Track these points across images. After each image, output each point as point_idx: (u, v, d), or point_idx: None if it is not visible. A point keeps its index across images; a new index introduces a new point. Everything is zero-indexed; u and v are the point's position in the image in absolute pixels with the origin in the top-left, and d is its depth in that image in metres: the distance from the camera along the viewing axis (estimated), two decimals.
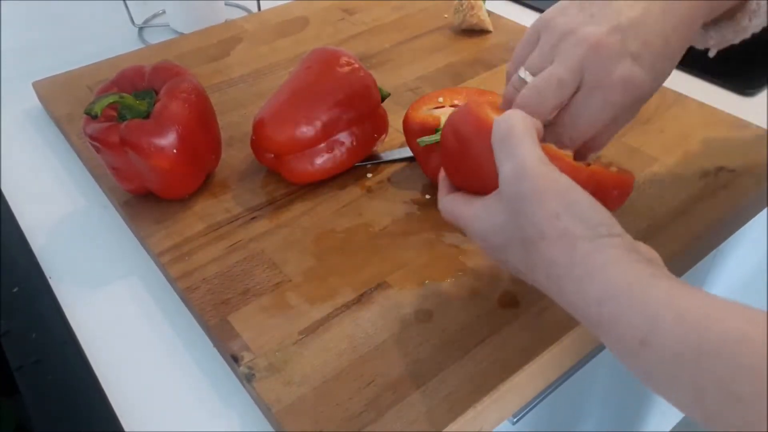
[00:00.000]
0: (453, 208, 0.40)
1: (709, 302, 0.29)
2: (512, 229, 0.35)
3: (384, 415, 0.39)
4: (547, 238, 0.33)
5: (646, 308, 0.30)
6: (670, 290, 0.30)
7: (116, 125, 0.51)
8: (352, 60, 0.56)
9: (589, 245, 0.32)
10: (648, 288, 0.30)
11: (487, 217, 0.37)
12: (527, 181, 0.34)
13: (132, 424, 0.42)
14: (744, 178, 0.56)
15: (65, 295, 0.50)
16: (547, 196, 0.33)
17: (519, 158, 0.34)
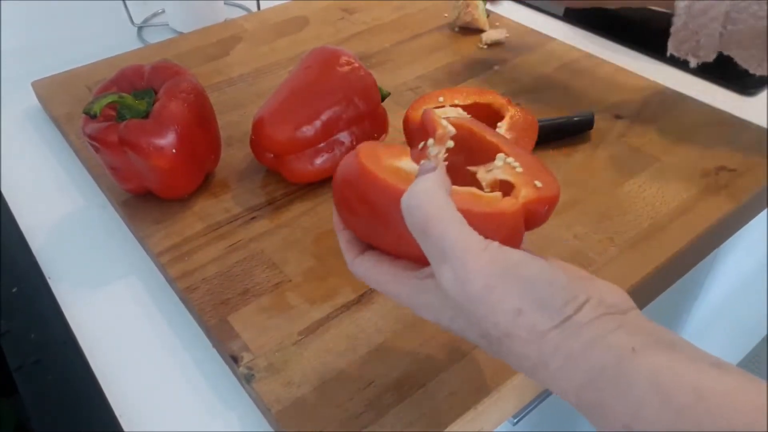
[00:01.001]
0: (378, 281, 0.35)
1: (697, 377, 0.27)
2: (465, 324, 0.32)
3: (384, 415, 0.39)
4: (513, 336, 0.30)
5: (628, 394, 0.27)
6: (654, 370, 0.27)
7: (115, 125, 0.51)
8: (352, 59, 0.56)
9: (559, 335, 0.29)
10: (629, 370, 0.28)
11: (431, 304, 0.33)
12: (472, 284, 0.30)
13: (131, 424, 0.42)
14: (744, 178, 0.56)
15: (64, 295, 0.50)
16: (502, 293, 0.30)
17: (454, 257, 0.30)
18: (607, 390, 0.28)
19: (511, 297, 0.30)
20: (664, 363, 0.28)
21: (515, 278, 0.30)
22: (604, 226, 0.52)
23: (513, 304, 0.30)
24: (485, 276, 0.30)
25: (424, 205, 0.31)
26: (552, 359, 0.30)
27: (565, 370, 0.29)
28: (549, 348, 0.30)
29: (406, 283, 0.34)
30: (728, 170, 0.56)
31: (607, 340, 0.29)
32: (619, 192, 0.55)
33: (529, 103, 0.66)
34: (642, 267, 0.48)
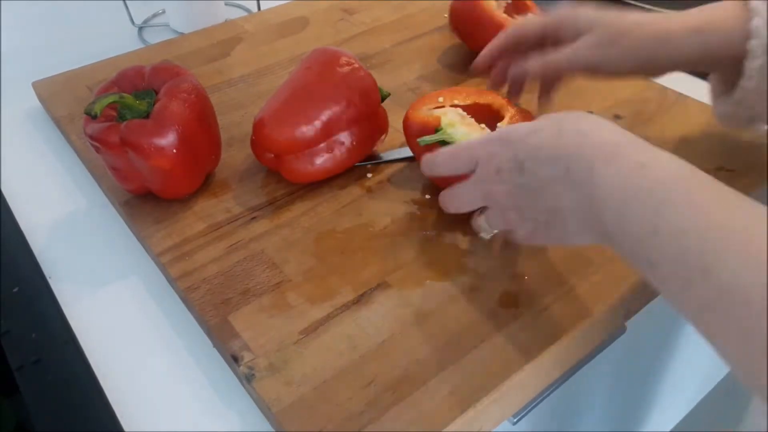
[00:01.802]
0: (464, 189, 0.45)
1: (713, 184, 0.33)
2: (534, 141, 0.40)
3: (384, 415, 0.39)
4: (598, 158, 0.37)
5: (652, 194, 0.33)
6: (678, 171, 0.34)
7: (116, 125, 0.51)
8: (352, 60, 0.56)
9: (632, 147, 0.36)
10: (655, 167, 0.34)
11: (508, 159, 0.41)
12: (542, 132, 0.39)
13: (131, 424, 0.42)
14: (744, 178, 0.56)
15: (65, 295, 0.50)
16: (542, 119, 0.41)
17: (500, 132, 0.42)
18: (632, 201, 0.34)
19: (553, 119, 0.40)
20: (689, 170, 0.35)
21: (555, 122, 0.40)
22: None
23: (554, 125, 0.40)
24: (550, 125, 0.40)
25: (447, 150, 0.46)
26: (604, 148, 0.37)
27: (616, 162, 0.36)
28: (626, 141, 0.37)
29: (482, 173, 0.43)
30: (728, 170, 0.57)
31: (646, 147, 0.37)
32: None
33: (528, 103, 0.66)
34: None
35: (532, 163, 0.39)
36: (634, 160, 0.35)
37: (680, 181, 0.33)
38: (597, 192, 0.36)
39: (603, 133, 0.37)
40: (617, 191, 0.35)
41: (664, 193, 0.33)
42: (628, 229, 0.34)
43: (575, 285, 0.47)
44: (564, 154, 0.37)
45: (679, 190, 0.33)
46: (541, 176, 0.39)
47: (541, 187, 0.39)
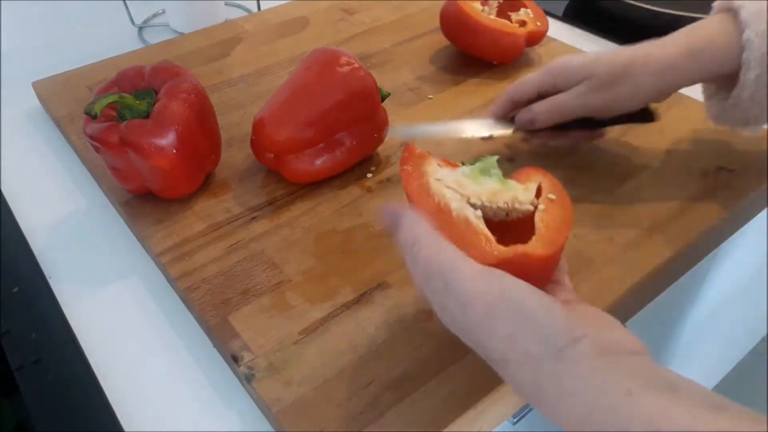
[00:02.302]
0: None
1: (692, 422, 0.27)
2: (472, 342, 0.34)
3: (384, 415, 0.39)
4: (511, 362, 0.32)
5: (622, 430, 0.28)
6: (651, 413, 0.28)
7: (116, 125, 0.51)
8: (352, 60, 0.56)
9: (554, 366, 0.30)
10: (626, 413, 0.28)
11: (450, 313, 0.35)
12: (469, 310, 0.32)
13: (131, 424, 0.42)
14: (744, 178, 0.56)
15: (65, 295, 0.50)
16: (494, 321, 0.32)
17: (447, 278, 0.32)
18: (605, 429, 0.28)
19: (506, 323, 0.31)
20: (661, 406, 0.28)
21: (509, 307, 0.31)
22: (604, 226, 0.52)
23: (507, 330, 0.31)
24: (482, 304, 0.32)
25: (413, 227, 0.34)
26: (549, 390, 0.30)
27: (563, 403, 0.30)
28: (544, 377, 0.30)
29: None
30: (728, 170, 0.57)
31: (602, 378, 0.29)
32: (619, 192, 0.55)
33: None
34: (641, 267, 0.48)
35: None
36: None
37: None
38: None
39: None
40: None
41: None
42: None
43: (575, 285, 0.47)
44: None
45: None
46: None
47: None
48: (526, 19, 0.71)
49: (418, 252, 0.34)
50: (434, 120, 0.64)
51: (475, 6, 0.70)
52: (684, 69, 0.49)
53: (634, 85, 0.50)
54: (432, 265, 0.33)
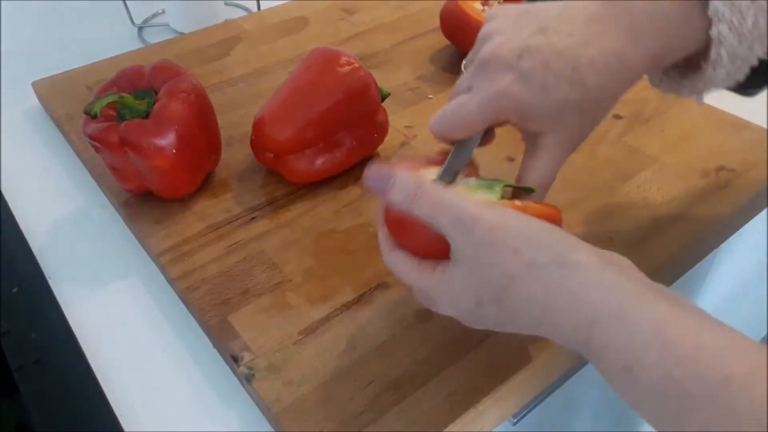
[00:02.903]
0: (407, 274, 0.37)
1: (697, 330, 0.28)
2: (479, 287, 0.34)
3: (384, 415, 0.39)
4: (517, 277, 0.32)
5: (632, 338, 0.29)
6: (658, 318, 0.29)
7: (116, 125, 0.51)
8: (352, 60, 0.56)
9: (560, 272, 0.31)
10: (634, 314, 0.29)
11: (450, 287, 0.35)
12: (475, 230, 0.33)
13: (131, 424, 0.42)
14: (744, 178, 0.56)
15: (65, 295, 0.50)
16: (500, 236, 0.32)
17: (462, 215, 0.33)
18: (612, 331, 0.30)
19: (509, 239, 0.32)
20: (668, 312, 0.29)
21: (513, 225, 0.33)
22: (604, 226, 0.52)
23: (511, 245, 0.32)
24: (487, 222, 0.33)
25: (424, 193, 0.35)
26: (556, 298, 0.31)
27: (570, 309, 0.31)
28: (551, 284, 0.31)
29: (429, 275, 0.36)
30: (728, 170, 0.57)
31: (608, 282, 0.31)
32: (619, 192, 0.55)
33: None
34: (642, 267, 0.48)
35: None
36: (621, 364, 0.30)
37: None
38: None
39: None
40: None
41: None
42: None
43: None
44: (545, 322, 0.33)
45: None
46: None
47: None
48: None
49: (422, 197, 0.34)
50: None
51: (475, 6, 0.70)
52: (644, 71, 0.40)
53: (603, 114, 0.41)
54: (437, 202, 0.34)
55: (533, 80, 0.37)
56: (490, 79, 0.38)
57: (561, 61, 0.37)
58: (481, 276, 0.33)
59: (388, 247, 0.39)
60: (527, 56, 0.38)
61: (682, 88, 0.42)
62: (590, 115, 0.40)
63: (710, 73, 0.39)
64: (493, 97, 0.38)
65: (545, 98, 0.38)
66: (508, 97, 0.38)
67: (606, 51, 0.37)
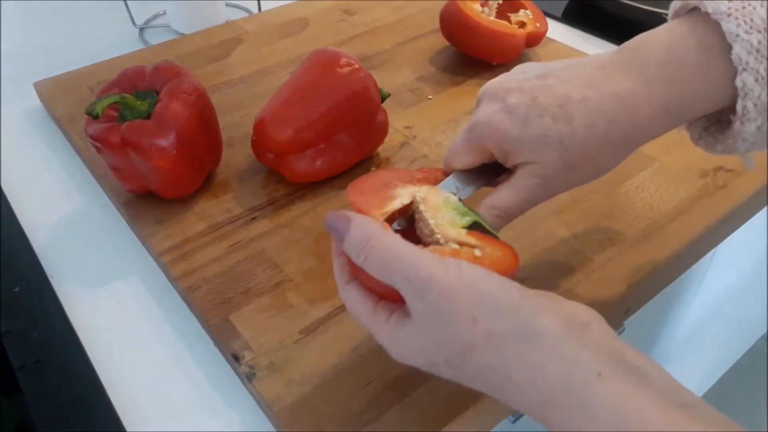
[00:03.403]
0: (360, 317, 0.35)
1: (663, 421, 0.27)
2: (434, 351, 0.32)
3: (384, 414, 0.40)
4: (476, 347, 0.30)
5: (592, 422, 0.27)
6: (621, 403, 0.27)
7: (117, 125, 0.51)
8: (352, 61, 0.56)
9: (519, 344, 0.29)
10: (595, 397, 0.28)
11: (404, 342, 0.33)
12: (429, 294, 0.31)
13: (133, 424, 0.42)
14: (743, 178, 0.56)
15: (66, 295, 0.50)
16: (456, 302, 0.30)
17: (405, 269, 0.31)
18: (572, 413, 0.28)
19: (468, 305, 0.30)
20: (632, 397, 0.27)
21: (470, 289, 0.31)
22: (604, 226, 0.52)
23: (469, 313, 0.30)
24: (441, 285, 0.31)
25: (374, 247, 0.33)
26: (515, 370, 0.30)
27: (529, 383, 0.29)
28: (510, 356, 0.30)
29: (383, 324, 0.34)
30: (726, 170, 0.57)
31: (570, 356, 0.29)
32: (618, 192, 0.55)
33: None
34: (641, 267, 0.49)
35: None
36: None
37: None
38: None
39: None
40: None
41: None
42: None
43: (575, 285, 0.47)
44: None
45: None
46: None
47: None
48: (526, 20, 0.72)
49: (373, 247, 0.33)
50: (434, 120, 0.64)
51: (474, 7, 0.70)
52: (657, 130, 0.37)
53: (598, 163, 0.38)
54: (389, 258, 0.32)
55: (516, 113, 0.37)
56: (477, 111, 0.40)
57: (549, 98, 0.37)
58: (437, 341, 0.32)
59: (344, 280, 0.36)
60: (517, 92, 0.38)
61: (717, 144, 0.39)
62: (574, 155, 0.37)
63: (738, 128, 0.36)
64: (475, 126, 0.39)
65: (525, 129, 0.37)
66: (488, 125, 0.38)
67: (603, 92, 0.36)
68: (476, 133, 0.39)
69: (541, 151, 0.37)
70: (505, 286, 0.31)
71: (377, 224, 0.34)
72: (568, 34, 0.81)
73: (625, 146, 0.37)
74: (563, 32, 0.81)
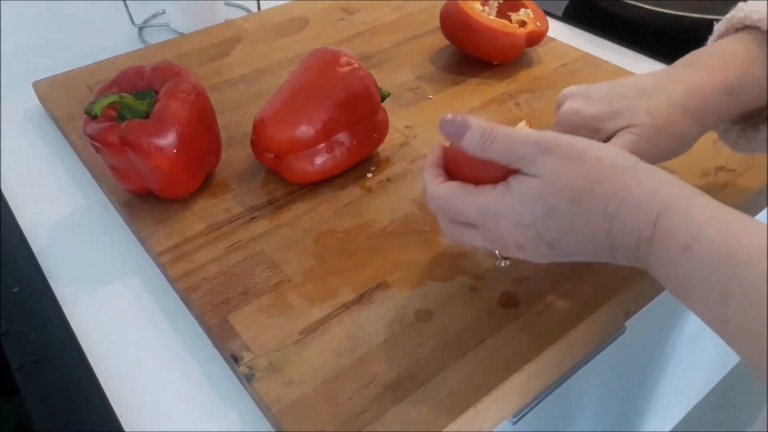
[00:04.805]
0: (466, 198, 0.39)
1: (742, 216, 0.33)
2: (556, 193, 0.36)
3: (384, 415, 0.40)
4: (602, 177, 0.36)
5: (696, 216, 0.33)
6: (710, 206, 0.34)
7: (116, 125, 0.51)
8: (352, 60, 0.56)
9: (639, 172, 0.36)
10: (699, 201, 0.34)
11: (518, 199, 0.37)
12: (557, 148, 0.36)
13: (132, 424, 0.42)
14: (744, 178, 0.56)
15: (65, 295, 0.50)
16: (582, 149, 0.36)
17: (531, 139, 0.37)
18: (677, 216, 0.34)
19: (591, 150, 0.37)
20: (715, 203, 0.34)
21: (589, 144, 0.37)
22: None
23: (594, 154, 0.36)
24: (567, 141, 0.37)
25: (497, 136, 0.38)
26: (633, 191, 0.35)
27: (644, 201, 0.35)
28: (631, 181, 0.35)
29: (491, 192, 0.38)
30: (728, 170, 0.57)
31: (676, 180, 0.36)
32: None
33: (529, 102, 0.66)
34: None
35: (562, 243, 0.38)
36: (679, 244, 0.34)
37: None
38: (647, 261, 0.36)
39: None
40: (663, 269, 0.36)
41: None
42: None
43: (575, 285, 0.47)
44: (602, 236, 0.37)
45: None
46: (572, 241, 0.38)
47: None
48: (526, 19, 0.71)
49: (498, 133, 0.37)
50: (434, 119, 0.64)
51: (475, 6, 0.70)
52: (721, 108, 0.44)
53: (673, 137, 0.44)
54: (514, 137, 0.37)
55: (598, 100, 0.45)
56: (560, 110, 0.47)
57: (626, 87, 0.45)
58: (562, 182, 0.36)
59: (438, 181, 0.40)
60: (595, 88, 0.46)
61: (750, 143, 0.48)
62: (661, 120, 0.43)
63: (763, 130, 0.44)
64: (562, 116, 0.46)
65: (610, 107, 0.44)
66: (575, 113, 0.45)
67: (674, 79, 0.44)
68: (565, 123, 0.46)
69: (633, 116, 0.43)
70: (598, 145, 0.37)
71: (494, 124, 0.38)
72: (569, 34, 0.80)
73: (700, 120, 0.44)
74: (564, 31, 0.81)
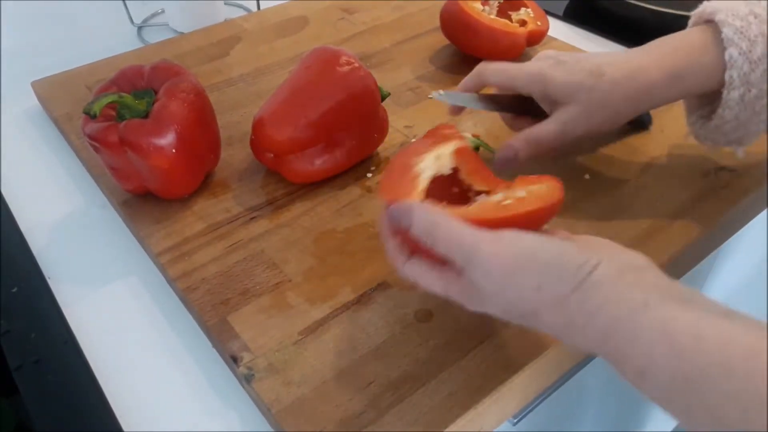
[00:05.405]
0: (433, 284, 0.39)
1: (699, 324, 0.30)
2: (506, 307, 0.36)
3: (384, 415, 0.39)
4: (543, 311, 0.34)
5: (640, 342, 0.31)
6: (663, 320, 0.31)
7: (115, 125, 0.51)
8: (352, 59, 0.56)
9: (579, 296, 0.33)
10: (641, 322, 0.31)
11: (479, 293, 0.37)
12: (493, 272, 0.35)
13: (131, 424, 0.42)
14: (744, 178, 0.56)
15: (64, 295, 0.50)
16: (522, 275, 0.34)
17: (474, 256, 0.35)
18: (623, 340, 0.32)
19: (530, 277, 0.34)
20: (673, 313, 0.31)
21: (529, 260, 0.35)
22: (604, 227, 0.52)
23: (532, 283, 0.34)
24: (503, 265, 0.35)
25: (428, 216, 0.37)
26: (576, 319, 0.33)
27: (589, 327, 0.33)
28: (572, 310, 0.33)
29: (454, 283, 0.38)
30: (728, 170, 0.57)
31: (621, 296, 0.33)
32: (619, 192, 0.55)
33: None
34: None
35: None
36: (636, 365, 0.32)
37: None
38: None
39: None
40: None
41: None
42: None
43: None
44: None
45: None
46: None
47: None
48: (527, 19, 0.71)
49: (438, 234, 0.36)
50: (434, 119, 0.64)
51: (475, 6, 0.70)
52: (666, 91, 0.48)
53: (615, 112, 0.49)
54: (453, 243, 0.36)
55: (565, 65, 0.49)
56: (528, 63, 0.52)
57: (588, 62, 0.49)
58: (505, 305, 0.36)
59: (404, 257, 0.40)
60: (566, 55, 0.51)
61: (708, 125, 0.50)
62: (599, 101, 0.48)
63: (725, 96, 0.46)
64: (529, 71, 0.50)
65: (568, 77, 0.49)
66: (541, 73, 0.50)
67: (627, 60, 0.48)
68: (526, 75, 0.50)
69: (576, 95, 0.48)
70: (560, 247, 0.35)
71: (438, 210, 0.37)
72: (570, 33, 0.80)
73: (638, 103, 0.49)
74: (564, 31, 0.81)
